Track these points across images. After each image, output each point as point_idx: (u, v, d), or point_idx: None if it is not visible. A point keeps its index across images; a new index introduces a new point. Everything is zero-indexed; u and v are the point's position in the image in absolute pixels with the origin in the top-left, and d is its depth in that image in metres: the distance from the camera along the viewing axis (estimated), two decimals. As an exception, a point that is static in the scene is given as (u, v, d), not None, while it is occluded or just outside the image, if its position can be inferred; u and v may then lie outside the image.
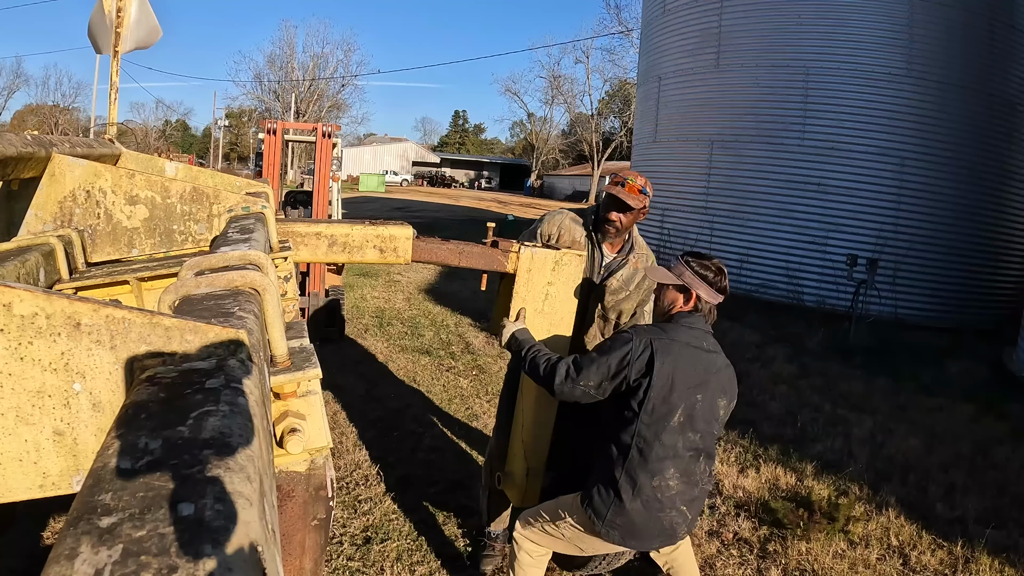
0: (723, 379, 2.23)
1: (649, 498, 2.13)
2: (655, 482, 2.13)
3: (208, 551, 0.39)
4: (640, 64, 15.36)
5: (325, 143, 6.40)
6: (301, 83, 54.14)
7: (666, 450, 2.12)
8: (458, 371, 6.00)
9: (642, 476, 2.12)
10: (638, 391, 2.13)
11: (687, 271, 2.24)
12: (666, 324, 2.25)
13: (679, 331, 2.19)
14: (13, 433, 0.64)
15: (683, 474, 2.16)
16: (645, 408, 2.12)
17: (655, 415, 2.12)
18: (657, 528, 2.17)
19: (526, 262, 2.54)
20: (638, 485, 2.13)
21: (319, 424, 0.94)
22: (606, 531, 2.18)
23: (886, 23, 10.22)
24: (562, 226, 2.82)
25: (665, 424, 2.11)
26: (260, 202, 1.73)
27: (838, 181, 10.42)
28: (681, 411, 2.12)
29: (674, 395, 2.11)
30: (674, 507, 2.17)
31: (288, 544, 0.95)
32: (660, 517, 2.16)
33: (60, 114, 55.71)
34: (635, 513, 2.14)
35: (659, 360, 2.10)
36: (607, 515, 2.17)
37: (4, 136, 1.28)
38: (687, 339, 2.18)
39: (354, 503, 3.53)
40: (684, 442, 2.15)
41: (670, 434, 2.12)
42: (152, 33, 2.96)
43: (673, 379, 2.11)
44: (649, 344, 2.12)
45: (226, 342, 0.67)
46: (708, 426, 2.19)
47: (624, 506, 2.14)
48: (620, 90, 48.97)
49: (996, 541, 3.53)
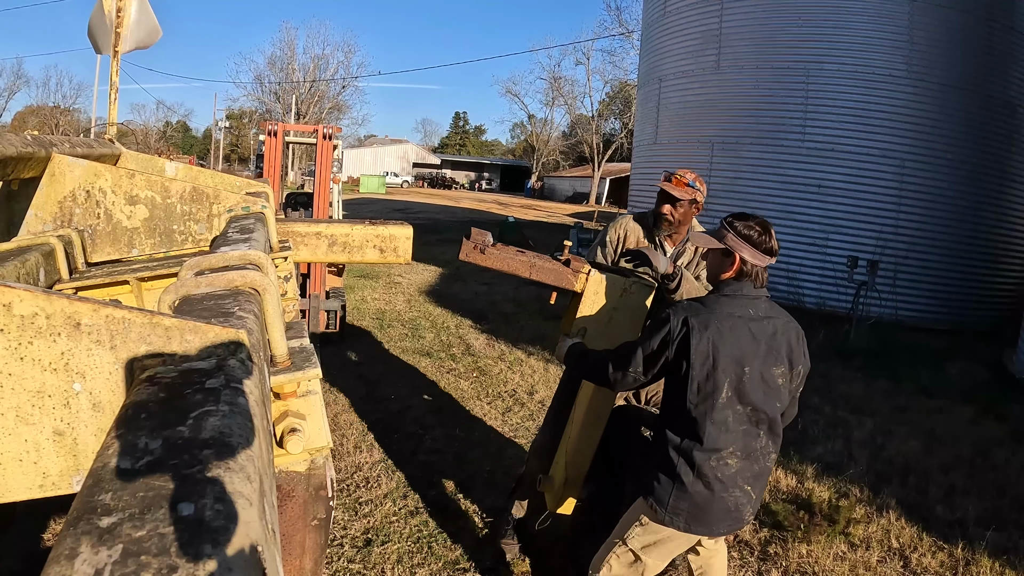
0: (779, 345, 2.11)
1: (710, 478, 2.06)
2: (712, 461, 2.06)
3: (208, 551, 0.39)
4: (641, 66, 15.37)
5: (326, 145, 6.40)
6: (302, 84, 54.20)
7: (718, 427, 2.04)
8: (459, 373, 6.00)
9: (699, 456, 2.05)
10: (680, 371, 2.07)
11: (729, 233, 2.13)
12: (708, 297, 2.15)
13: (720, 303, 2.09)
14: (13, 433, 0.64)
15: (742, 450, 2.08)
16: (690, 387, 2.05)
17: (701, 393, 2.05)
18: (722, 510, 2.10)
19: (594, 285, 2.59)
20: (696, 465, 2.06)
21: (319, 424, 0.93)
22: (670, 518, 2.11)
23: (886, 25, 10.23)
24: (627, 228, 2.99)
25: (713, 401, 2.04)
26: (260, 202, 1.73)
27: (838, 183, 10.42)
28: (727, 386, 2.04)
29: (718, 371, 2.03)
30: (736, 486, 2.09)
31: (288, 544, 0.95)
32: (724, 497, 2.08)
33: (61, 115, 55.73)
34: (698, 495, 2.07)
35: (695, 338, 2.02)
36: (669, 500, 2.10)
37: (4, 136, 1.28)
38: (730, 309, 2.07)
39: (355, 505, 3.53)
40: (735, 417, 2.06)
41: (720, 410, 2.04)
42: (152, 33, 2.96)
43: (714, 355, 2.03)
44: (685, 322, 2.05)
45: (226, 342, 0.67)
46: (765, 398, 2.09)
47: (686, 489, 2.07)
48: (621, 92, 49.02)
49: (996, 543, 3.53)
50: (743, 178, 11.24)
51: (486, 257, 2.44)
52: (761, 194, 11.03)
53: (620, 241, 3.01)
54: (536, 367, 6.27)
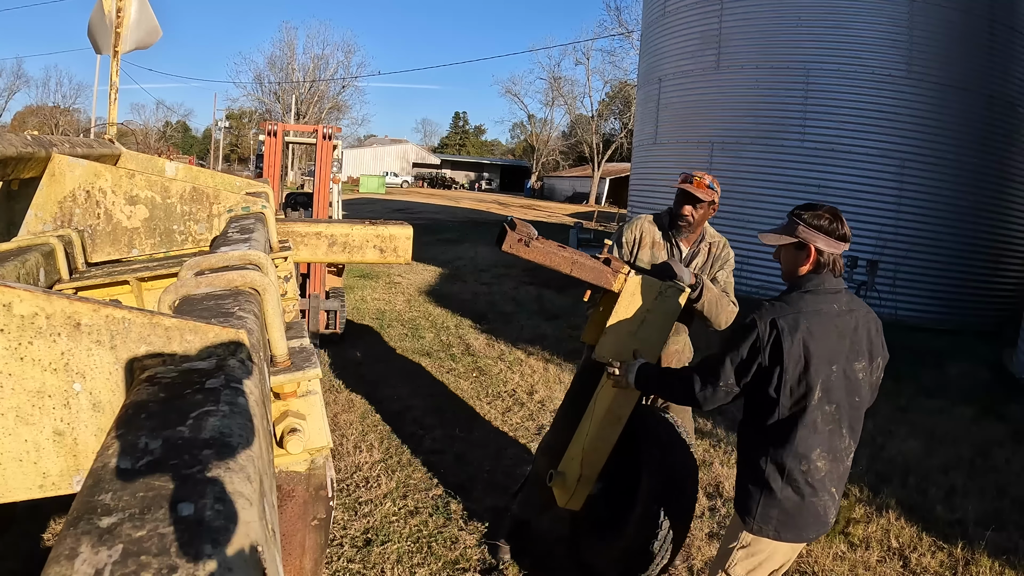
0: (860, 340, 2.06)
1: (799, 483, 1.99)
2: (803, 466, 1.99)
3: (208, 551, 0.39)
4: (640, 66, 15.37)
5: (325, 145, 6.41)
6: (301, 84, 54.21)
7: (807, 430, 1.98)
8: (459, 373, 6.00)
9: (789, 461, 1.99)
10: (772, 376, 1.99)
11: (800, 225, 2.05)
12: (790, 295, 2.06)
13: (804, 300, 2.01)
14: (13, 433, 0.64)
15: (828, 451, 2.02)
16: (783, 392, 1.97)
17: (793, 397, 1.98)
18: (812, 515, 2.03)
19: (632, 286, 2.60)
20: (786, 470, 1.99)
21: (319, 424, 0.93)
22: (759, 527, 2.04)
23: (886, 25, 10.23)
24: (642, 229, 3.04)
25: (805, 404, 1.97)
26: (260, 202, 1.73)
27: (838, 183, 10.42)
28: (819, 387, 1.97)
29: (810, 372, 1.96)
30: (824, 490, 2.03)
31: (288, 544, 0.95)
32: (813, 502, 2.02)
33: (60, 115, 55.75)
34: (787, 501, 2.00)
35: (787, 340, 1.94)
36: (758, 509, 2.03)
37: (4, 136, 1.28)
38: (815, 306, 2.00)
39: (355, 505, 3.53)
40: (823, 417, 2.00)
41: (810, 412, 1.97)
42: (152, 33, 2.96)
43: (806, 356, 1.95)
44: (774, 324, 1.97)
45: (226, 342, 0.67)
46: (849, 396, 2.03)
47: (775, 495, 2.01)
48: (620, 92, 49.01)
49: (996, 543, 3.53)
50: (743, 178, 11.24)
51: (529, 250, 2.43)
52: (761, 194, 11.03)
53: (636, 242, 3.02)
54: (536, 367, 6.27)
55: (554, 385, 5.75)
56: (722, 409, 5.49)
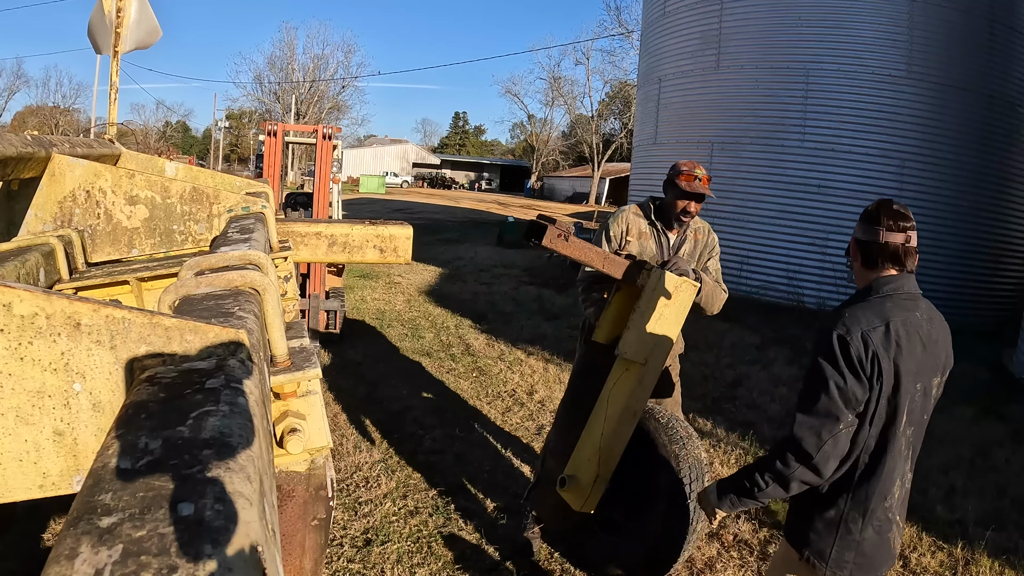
0: (939, 352, 1.83)
1: (881, 520, 1.78)
2: (887, 502, 1.77)
3: (208, 551, 0.39)
4: (640, 66, 15.37)
5: (325, 145, 6.41)
6: (301, 84, 54.21)
7: (892, 459, 1.75)
8: (458, 373, 6.00)
9: (874, 498, 1.76)
10: (863, 401, 1.74)
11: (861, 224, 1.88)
12: (870, 300, 1.80)
13: (887, 308, 1.75)
14: (13, 433, 0.64)
15: (901, 478, 1.81)
16: (868, 417, 1.72)
17: (884, 420, 1.74)
18: (887, 551, 1.83)
19: (653, 281, 2.64)
20: (869, 510, 1.76)
21: (319, 424, 0.93)
22: (832, 572, 1.80)
23: (886, 24, 10.23)
24: (628, 221, 3.07)
25: (893, 429, 1.74)
26: (260, 202, 1.73)
27: (838, 183, 10.42)
28: (905, 409, 1.74)
29: (899, 393, 1.72)
30: (895, 520, 1.84)
31: (288, 544, 0.95)
32: (889, 538, 1.83)
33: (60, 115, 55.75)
34: (866, 542, 1.78)
35: (883, 357, 1.70)
36: (832, 553, 1.79)
37: (4, 136, 1.28)
38: (900, 313, 1.76)
39: (355, 505, 3.53)
40: (904, 442, 1.79)
41: (895, 439, 1.75)
42: (152, 33, 2.97)
43: (896, 374, 1.71)
44: (865, 339, 1.70)
45: (226, 342, 0.67)
46: (921, 414, 1.82)
47: (853, 537, 1.78)
48: (620, 92, 49.01)
49: (996, 543, 3.53)
50: (743, 178, 11.24)
51: (568, 245, 2.46)
52: (761, 194, 11.03)
53: (624, 235, 3.05)
54: (536, 367, 6.28)
55: (554, 385, 5.75)
56: (722, 409, 5.50)
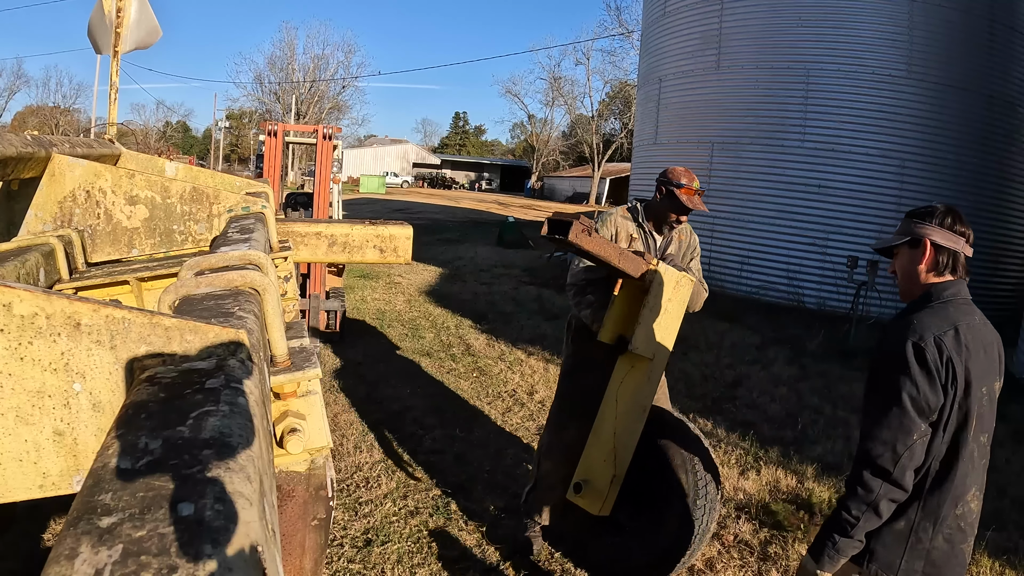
0: (995, 355, 1.80)
1: (953, 529, 1.74)
2: (959, 509, 1.73)
3: (208, 551, 0.39)
4: (640, 66, 15.37)
5: (326, 145, 6.41)
6: (301, 84, 54.22)
7: (965, 465, 1.71)
8: (459, 373, 6.00)
9: (945, 506, 1.71)
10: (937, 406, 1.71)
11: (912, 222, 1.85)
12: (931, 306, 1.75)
13: (949, 313, 1.72)
14: (13, 433, 0.64)
15: (979, 488, 1.77)
16: (942, 423, 1.69)
17: (956, 426, 1.70)
18: (958, 564, 1.77)
19: (660, 277, 2.69)
20: (940, 517, 1.71)
21: (319, 424, 0.93)
22: None
23: (886, 25, 10.23)
24: (617, 224, 3.11)
25: (964, 435, 1.71)
26: (260, 202, 1.73)
27: (838, 183, 10.42)
28: (975, 414, 1.72)
29: (970, 397, 1.70)
30: (972, 533, 1.78)
31: (288, 544, 0.95)
32: (963, 549, 1.77)
33: (61, 115, 55.77)
34: (935, 551, 1.73)
35: (956, 362, 1.67)
36: (901, 565, 1.74)
37: (4, 136, 1.28)
38: (964, 317, 1.73)
39: (355, 505, 3.53)
40: (979, 450, 1.75)
41: (967, 445, 1.71)
42: (152, 33, 2.97)
43: (967, 377, 1.69)
44: (939, 345, 1.67)
45: (226, 342, 0.67)
46: (990, 420, 1.79)
47: (923, 547, 1.73)
48: (620, 92, 49.01)
49: (997, 543, 3.53)
50: (743, 178, 11.25)
51: (591, 240, 2.49)
52: (761, 194, 11.04)
53: (613, 237, 3.09)
54: (536, 367, 6.27)
55: (554, 385, 5.74)
56: (722, 409, 5.51)
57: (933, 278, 1.81)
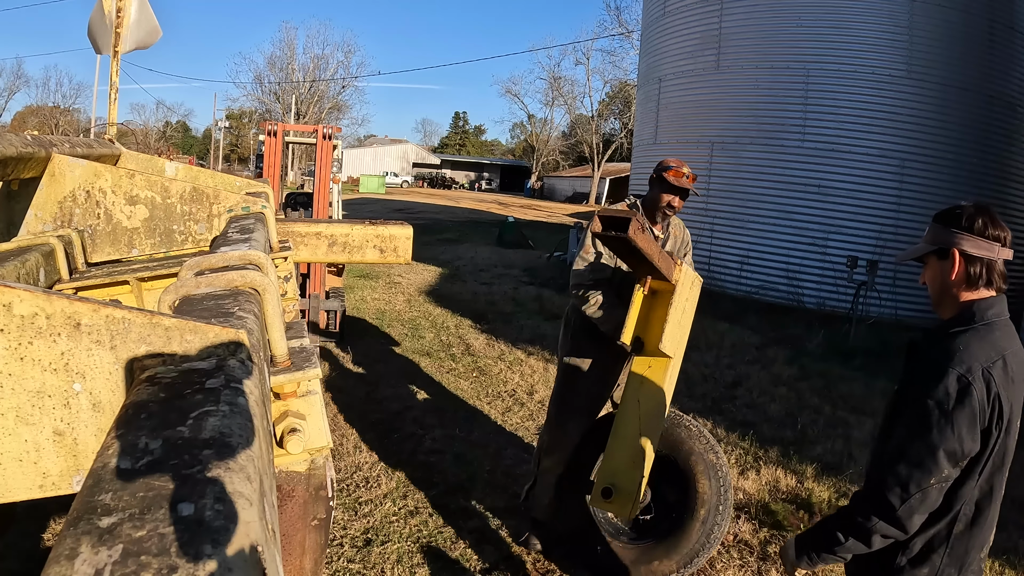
0: None
1: (975, 570, 1.62)
2: (983, 552, 1.62)
3: (208, 551, 0.39)
4: (640, 66, 15.37)
5: (325, 145, 6.41)
6: (301, 84, 54.23)
7: (995, 507, 1.58)
8: (458, 373, 6.00)
9: (973, 550, 1.58)
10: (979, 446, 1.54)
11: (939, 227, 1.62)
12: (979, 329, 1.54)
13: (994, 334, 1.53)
14: (13, 433, 0.64)
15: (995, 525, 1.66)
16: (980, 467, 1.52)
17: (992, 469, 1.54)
18: None
19: (683, 276, 2.71)
20: (967, 562, 1.59)
21: (319, 424, 0.93)
22: None
23: (886, 24, 10.23)
24: None
25: (999, 476, 1.56)
26: (260, 202, 1.73)
27: (838, 183, 10.42)
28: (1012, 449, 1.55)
29: (1010, 435, 1.52)
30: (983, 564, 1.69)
31: (288, 544, 0.95)
32: None
33: (60, 115, 55.78)
34: None
35: (1003, 395, 1.48)
36: None
37: (4, 136, 1.28)
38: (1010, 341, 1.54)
39: (355, 505, 3.53)
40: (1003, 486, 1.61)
41: (1001, 486, 1.57)
42: (152, 33, 2.97)
43: (1011, 414, 1.51)
44: (988, 378, 1.48)
45: (226, 342, 0.67)
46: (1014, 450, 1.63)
47: None
48: (620, 92, 49.01)
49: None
50: (743, 178, 11.24)
51: (645, 237, 2.48)
52: (761, 194, 11.03)
53: None
54: (536, 367, 6.28)
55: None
56: (722, 409, 5.51)
57: (968, 294, 1.59)
